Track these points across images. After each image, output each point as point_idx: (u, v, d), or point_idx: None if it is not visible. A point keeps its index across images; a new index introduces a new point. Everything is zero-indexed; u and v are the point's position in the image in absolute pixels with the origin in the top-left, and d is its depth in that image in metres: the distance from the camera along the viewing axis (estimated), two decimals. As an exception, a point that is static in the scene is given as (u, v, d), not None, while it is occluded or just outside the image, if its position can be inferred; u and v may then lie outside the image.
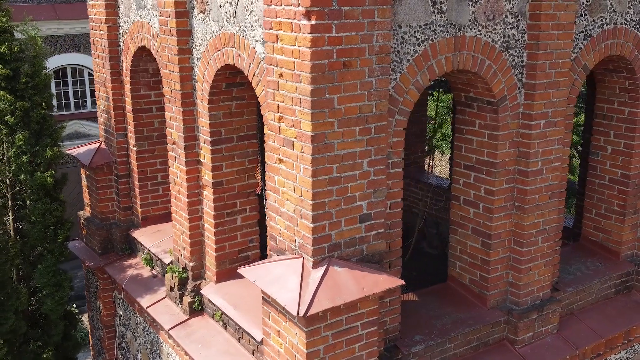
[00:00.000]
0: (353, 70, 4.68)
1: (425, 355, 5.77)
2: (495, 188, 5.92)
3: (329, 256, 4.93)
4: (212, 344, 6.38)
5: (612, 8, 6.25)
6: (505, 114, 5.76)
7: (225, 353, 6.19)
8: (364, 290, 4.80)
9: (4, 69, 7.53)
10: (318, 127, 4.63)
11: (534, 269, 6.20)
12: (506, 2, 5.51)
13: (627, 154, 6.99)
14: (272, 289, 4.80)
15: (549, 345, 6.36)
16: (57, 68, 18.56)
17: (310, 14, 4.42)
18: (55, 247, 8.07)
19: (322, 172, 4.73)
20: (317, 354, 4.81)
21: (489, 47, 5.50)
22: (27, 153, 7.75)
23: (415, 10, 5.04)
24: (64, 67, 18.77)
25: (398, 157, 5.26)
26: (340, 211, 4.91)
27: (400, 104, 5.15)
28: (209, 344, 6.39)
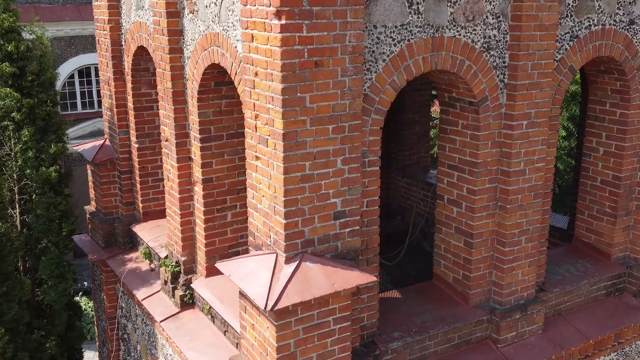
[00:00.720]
0: (325, 70, 4.71)
1: (404, 352, 5.76)
2: (477, 188, 5.89)
3: (302, 252, 4.96)
4: (200, 336, 6.46)
5: (601, 9, 6.17)
6: (486, 114, 5.73)
7: (211, 346, 6.26)
8: (335, 286, 4.81)
9: (11, 67, 7.70)
10: (289, 125, 4.67)
11: (517, 269, 6.16)
12: (487, 3, 5.48)
13: (618, 155, 6.90)
14: (244, 283, 4.85)
15: (532, 345, 6.30)
16: (81, 67, 18.88)
17: (280, 14, 4.45)
18: (59, 240, 8.23)
19: (294, 170, 4.77)
20: (288, 348, 4.84)
21: (469, 47, 5.47)
22: (33, 149, 7.93)
23: (390, 11, 5.05)
24: (88, 66, 19.08)
25: (375, 155, 5.26)
26: (314, 208, 4.93)
27: (376, 103, 5.15)
28: (197, 337, 6.47)
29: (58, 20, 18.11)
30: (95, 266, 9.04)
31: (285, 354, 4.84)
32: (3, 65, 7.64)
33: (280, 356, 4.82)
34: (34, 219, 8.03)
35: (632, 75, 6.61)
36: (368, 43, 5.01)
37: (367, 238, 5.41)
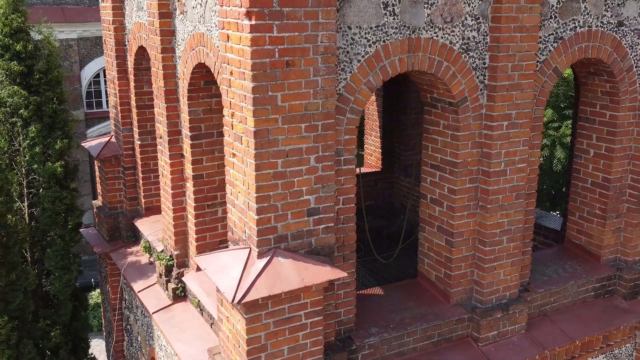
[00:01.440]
0: (297, 69, 4.75)
1: (382, 347, 5.78)
2: (457, 187, 5.88)
3: (275, 247, 5.01)
4: (188, 328, 6.56)
5: (587, 11, 6.11)
6: (466, 114, 5.72)
7: (198, 337, 6.35)
8: (305, 281, 4.86)
9: (19, 66, 7.91)
10: (261, 123, 4.73)
11: (498, 269, 6.13)
12: (465, 5, 5.47)
13: (608, 157, 6.82)
14: (216, 277, 4.92)
15: (514, 345, 6.27)
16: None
17: (250, 14, 4.52)
18: (65, 233, 8.42)
19: (266, 167, 4.82)
20: (258, 340, 4.90)
21: (447, 49, 5.47)
22: (40, 144, 8.13)
23: (365, 13, 5.07)
24: (114, 65, 19.36)
25: (350, 154, 5.29)
26: (287, 204, 4.98)
27: (351, 102, 5.18)
28: (186, 328, 6.58)
29: (85, 21, 18.46)
30: (101, 259, 9.23)
31: (256, 346, 4.90)
32: (12, 64, 7.85)
33: (251, 348, 4.88)
34: (41, 212, 8.24)
35: (622, 77, 6.53)
36: (342, 44, 5.05)
37: (343, 235, 5.44)
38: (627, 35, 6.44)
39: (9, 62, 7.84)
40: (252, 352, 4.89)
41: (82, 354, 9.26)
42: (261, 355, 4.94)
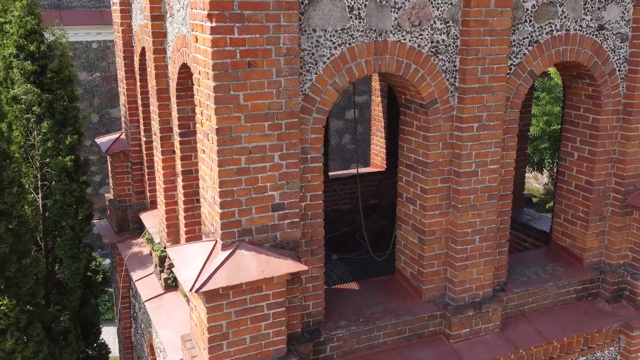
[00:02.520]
0: (259, 70, 4.86)
1: (351, 340, 5.85)
2: (429, 187, 5.90)
3: (239, 240, 5.13)
4: (174, 316, 6.74)
5: (564, 15, 6.05)
6: (436, 116, 5.73)
7: (181, 325, 6.50)
8: (264, 273, 4.97)
9: (33, 66, 8.22)
10: (223, 121, 4.85)
11: (471, 267, 6.12)
12: (434, 9, 5.49)
13: (590, 160, 6.73)
14: (181, 267, 5.06)
15: (486, 343, 6.25)
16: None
17: (211, 17, 4.64)
18: (75, 223, 8.70)
19: (229, 163, 4.95)
20: (220, 329, 5.03)
21: (415, 52, 5.50)
22: (52, 139, 8.42)
23: (330, 16, 5.15)
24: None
25: (317, 152, 5.37)
26: (251, 199, 5.10)
27: (317, 103, 5.26)
28: (172, 317, 6.75)
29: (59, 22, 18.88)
30: (112, 249, 9.52)
31: (217, 334, 5.03)
32: (26, 64, 8.17)
33: (212, 336, 5.01)
34: (52, 203, 8.54)
35: (603, 81, 6.44)
36: (307, 46, 5.13)
37: (311, 230, 5.53)
38: (609, 39, 6.35)
39: (24, 62, 8.17)
40: (213, 340, 5.02)
41: (93, 339, 9.55)
42: (223, 343, 5.07)
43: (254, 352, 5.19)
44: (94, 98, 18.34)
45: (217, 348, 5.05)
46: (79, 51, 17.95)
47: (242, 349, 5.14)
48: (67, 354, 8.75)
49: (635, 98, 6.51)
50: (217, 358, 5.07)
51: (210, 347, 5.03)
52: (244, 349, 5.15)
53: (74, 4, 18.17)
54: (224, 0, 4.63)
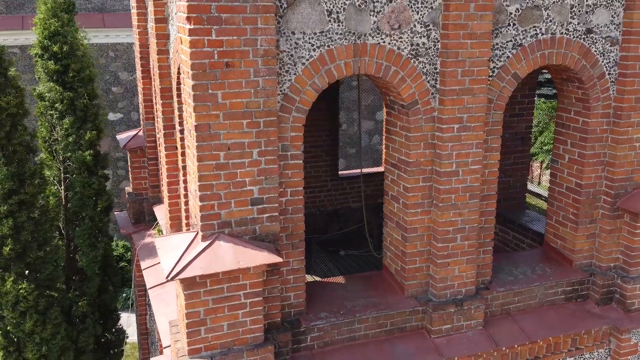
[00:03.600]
0: (237, 70, 5.00)
1: (332, 331, 5.94)
2: (410, 185, 5.94)
3: (218, 232, 5.28)
4: (173, 304, 6.95)
5: (550, 18, 6.01)
6: (417, 117, 5.77)
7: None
8: (240, 264, 5.10)
9: (55, 65, 8.58)
10: (201, 118, 5.01)
11: (452, 265, 6.13)
12: (413, 13, 5.54)
13: (580, 163, 6.66)
14: (163, 256, 5.24)
15: (467, 339, 6.25)
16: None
17: (189, 19, 4.80)
18: (95, 214, 9.04)
19: (208, 158, 5.10)
20: (198, 315, 5.19)
21: (395, 54, 5.55)
22: (73, 135, 8.77)
23: (309, 19, 5.25)
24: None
25: (297, 150, 5.48)
26: (229, 193, 5.24)
27: (297, 102, 5.37)
28: (171, 304, 6.97)
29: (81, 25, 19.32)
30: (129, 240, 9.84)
31: (195, 320, 5.19)
32: (49, 63, 8.54)
33: (190, 322, 5.18)
34: (73, 195, 8.89)
35: (592, 84, 6.36)
36: (286, 47, 5.25)
37: (292, 225, 5.64)
38: (598, 43, 6.27)
39: (47, 62, 8.53)
40: (191, 325, 5.19)
41: (111, 325, 9.89)
42: (201, 329, 5.23)
43: (232, 339, 5.34)
44: (134, 97, 18.83)
45: (195, 333, 5.22)
46: (120, 52, 18.46)
47: (219, 335, 5.30)
48: (84, 337, 9.10)
49: (625, 102, 6.41)
50: (195, 343, 5.24)
51: (189, 332, 5.20)
52: (222, 335, 5.30)
53: (116, 7, 18.69)
54: (202, 4, 4.79)
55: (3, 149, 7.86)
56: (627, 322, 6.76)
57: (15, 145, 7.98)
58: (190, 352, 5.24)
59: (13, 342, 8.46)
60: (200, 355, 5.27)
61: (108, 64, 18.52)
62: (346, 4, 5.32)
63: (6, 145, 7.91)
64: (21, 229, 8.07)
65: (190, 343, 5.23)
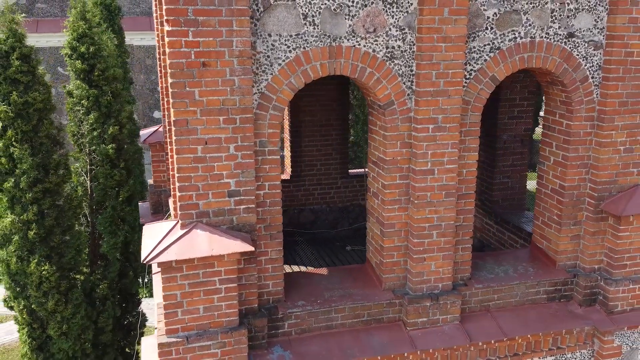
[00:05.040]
0: (213, 70, 5.16)
1: (309, 319, 6.04)
2: (387, 182, 5.99)
3: (197, 221, 5.47)
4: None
5: (529, 22, 5.95)
6: (393, 117, 5.82)
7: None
8: (213, 251, 5.27)
9: (83, 65, 8.96)
10: (179, 114, 5.20)
11: (428, 260, 6.15)
12: (388, 17, 5.58)
13: (563, 165, 6.55)
14: (145, 241, 5.46)
15: (442, 333, 6.25)
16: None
17: (168, 22, 5.00)
18: (117, 204, 9.40)
19: (186, 152, 5.29)
20: (174, 298, 5.38)
21: (370, 56, 5.61)
22: (98, 129, 9.14)
23: (285, 22, 5.37)
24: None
25: (274, 146, 5.61)
26: (207, 185, 5.41)
27: (274, 101, 5.50)
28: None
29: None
30: (150, 229, 10.16)
31: (172, 302, 5.38)
32: (77, 63, 8.93)
33: (167, 303, 5.38)
34: (96, 185, 9.27)
35: (575, 87, 6.26)
36: (263, 49, 5.38)
37: (269, 217, 5.77)
38: (580, 47, 6.16)
39: (75, 61, 8.92)
40: (168, 307, 5.39)
41: (132, 308, 10.25)
42: (178, 311, 5.42)
43: (207, 321, 5.51)
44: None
45: (172, 315, 5.42)
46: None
47: (195, 317, 5.47)
48: (104, 318, 9.47)
49: (608, 105, 6.28)
50: (172, 323, 5.43)
51: (166, 313, 5.40)
52: (198, 318, 5.48)
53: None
54: (179, 8, 4.97)
55: (30, 141, 8.26)
56: (609, 324, 6.61)
57: (42, 137, 8.38)
58: (167, 331, 5.44)
59: (37, 319, 8.88)
60: (177, 335, 5.46)
61: (154, 65, 19.07)
62: (322, 8, 5.42)
63: (33, 138, 8.32)
64: (45, 215, 8.46)
65: (168, 323, 5.43)
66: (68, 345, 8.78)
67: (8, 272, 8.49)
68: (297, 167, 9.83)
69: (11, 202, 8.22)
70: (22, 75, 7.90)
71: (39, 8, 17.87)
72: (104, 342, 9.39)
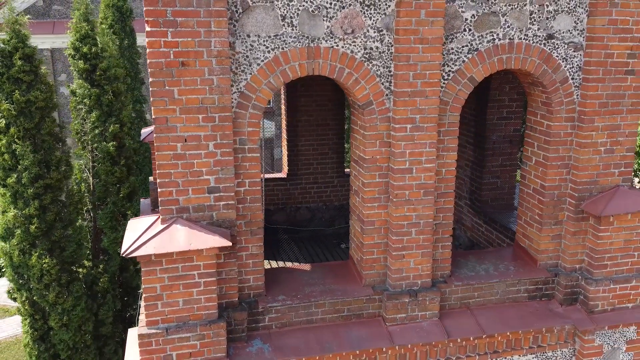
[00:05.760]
0: (192, 69, 5.21)
1: (289, 313, 6.07)
2: (367, 181, 6.00)
3: (177, 216, 5.52)
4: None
5: (507, 24, 5.92)
6: (372, 116, 5.82)
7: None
8: (191, 246, 5.32)
9: (85, 65, 9.08)
10: (159, 112, 5.26)
11: (407, 257, 6.14)
12: (366, 19, 5.59)
13: (544, 165, 6.51)
14: (127, 235, 5.53)
15: (421, 329, 6.24)
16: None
17: (148, 23, 5.06)
18: (117, 200, 9.51)
19: (165, 148, 5.34)
20: (154, 290, 5.44)
21: (348, 57, 5.62)
22: (99, 128, 9.26)
23: (263, 23, 5.40)
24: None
25: (254, 144, 5.64)
26: (187, 182, 5.46)
27: (253, 100, 5.54)
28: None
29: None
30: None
31: (152, 294, 5.44)
32: (79, 63, 9.05)
33: (147, 296, 5.44)
34: (97, 182, 9.39)
35: (554, 89, 6.21)
36: (242, 49, 5.42)
37: (250, 213, 5.81)
38: (560, 48, 6.12)
39: (78, 61, 9.05)
40: (149, 299, 5.45)
41: (133, 302, 10.36)
42: (158, 303, 5.48)
43: (187, 314, 5.57)
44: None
45: (152, 307, 5.48)
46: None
47: (175, 309, 5.53)
48: (104, 311, 9.58)
49: (588, 106, 6.22)
50: (153, 315, 5.50)
51: (146, 305, 5.46)
52: (177, 310, 5.54)
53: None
54: (158, 9, 5.03)
55: (32, 138, 8.39)
56: (589, 323, 6.55)
57: (44, 135, 8.51)
58: (148, 323, 5.51)
59: (39, 310, 9.02)
60: (157, 326, 5.52)
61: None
62: (300, 9, 5.44)
63: (35, 135, 8.45)
64: (47, 210, 8.59)
65: (148, 315, 5.49)
66: (68, 336, 8.90)
67: (11, 265, 8.63)
68: (293, 165, 9.86)
69: (14, 197, 8.36)
70: (24, 75, 8.04)
71: (56, 10, 18.10)
72: (104, 334, 9.52)
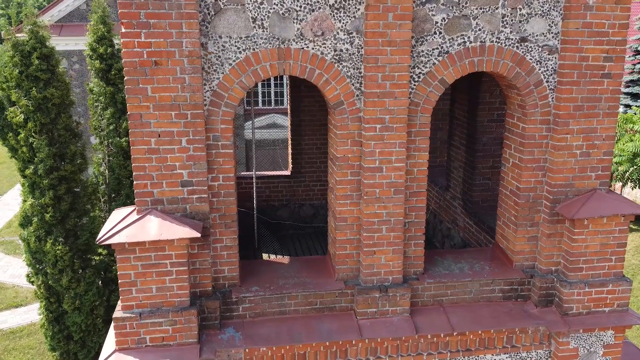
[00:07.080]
0: (164, 68, 5.28)
1: (262, 304, 6.08)
2: (339, 178, 5.95)
3: (152, 208, 5.60)
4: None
5: (479, 27, 5.78)
6: (343, 116, 5.77)
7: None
8: (162, 236, 5.39)
9: (101, 64, 9.31)
10: (134, 108, 5.34)
11: (378, 254, 6.07)
12: (336, 21, 5.55)
13: (519, 167, 6.33)
14: (107, 225, 5.65)
15: (391, 323, 6.16)
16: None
17: (122, 24, 5.15)
18: (130, 192, 9.71)
19: (140, 143, 5.43)
20: (129, 277, 5.53)
21: (318, 58, 5.59)
22: (114, 124, 9.48)
23: (234, 25, 5.42)
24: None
25: (227, 140, 5.67)
26: (161, 175, 5.53)
27: (225, 98, 5.56)
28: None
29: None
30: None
31: (127, 281, 5.54)
32: (96, 62, 9.28)
33: (122, 282, 5.54)
34: (111, 175, 9.62)
35: (529, 91, 6.03)
36: (214, 49, 5.46)
37: (224, 207, 5.85)
38: (533, 51, 5.93)
39: (94, 61, 9.28)
40: (123, 285, 5.55)
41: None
42: (132, 289, 5.57)
43: (160, 300, 5.64)
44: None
45: (127, 292, 5.57)
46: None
47: (149, 296, 5.61)
48: (115, 296, 9.79)
49: (562, 109, 6.02)
50: (127, 300, 5.59)
51: (122, 290, 5.56)
52: (151, 297, 5.62)
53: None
54: (132, 11, 5.11)
55: (49, 133, 8.65)
56: (562, 325, 6.34)
57: (60, 129, 8.76)
58: (123, 307, 5.61)
59: (54, 294, 9.29)
60: (131, 311, 5.61)
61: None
62: (270, 12, 5.44)
63: (52, 130, 8.70)
64: (61, 199, 8.84)
65: (123, 300, 5.59)
66: (81, 319, 9.15)
67: (29, 250, 8.92)
68: (297, 164, 9.86)
69: (31, 187, 8.64)
70: (41, 73, 8.31)
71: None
72: (116, 318, 9.72)
